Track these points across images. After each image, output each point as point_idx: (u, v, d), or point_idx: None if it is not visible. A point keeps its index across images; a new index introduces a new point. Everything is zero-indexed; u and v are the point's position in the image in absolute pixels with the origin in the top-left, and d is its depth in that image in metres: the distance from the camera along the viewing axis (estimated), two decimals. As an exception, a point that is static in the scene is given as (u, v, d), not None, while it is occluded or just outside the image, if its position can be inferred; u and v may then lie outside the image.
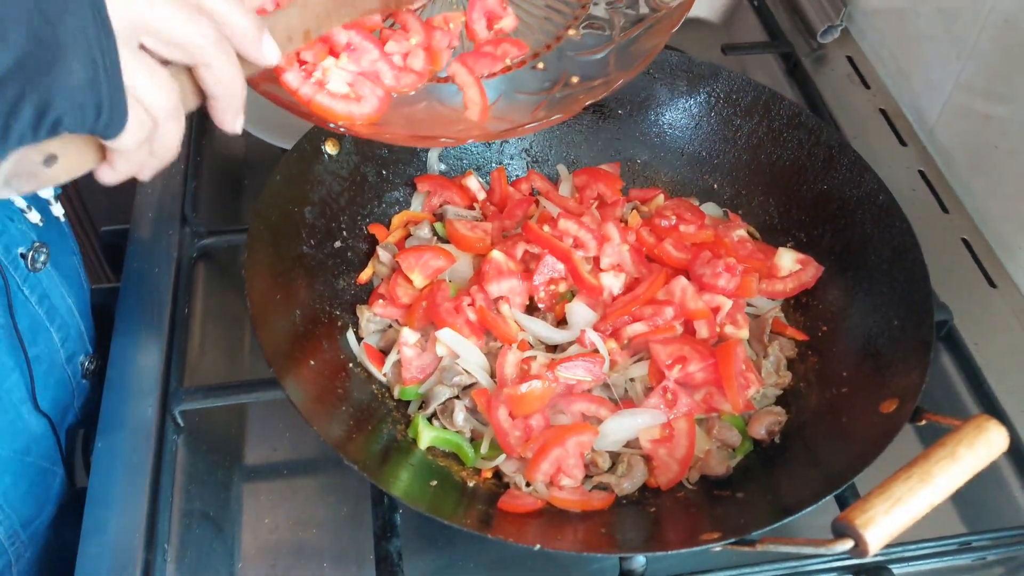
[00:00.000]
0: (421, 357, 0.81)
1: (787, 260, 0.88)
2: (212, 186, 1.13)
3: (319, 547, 0.82)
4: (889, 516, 0.56)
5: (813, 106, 1.20)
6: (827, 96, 1.22)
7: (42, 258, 0.88)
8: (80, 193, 1.60)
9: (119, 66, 0.52)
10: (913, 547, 0.79)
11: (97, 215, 1.63)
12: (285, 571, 0.80)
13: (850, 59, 1.29)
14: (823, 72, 1.27)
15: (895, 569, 0.77)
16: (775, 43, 1.27)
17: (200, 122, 1.17)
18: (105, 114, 0.52)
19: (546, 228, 0.86)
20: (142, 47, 0.54)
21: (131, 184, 1.13)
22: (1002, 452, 0.61)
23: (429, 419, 0.80)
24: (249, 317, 0.77)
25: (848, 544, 0.57)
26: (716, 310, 0.83)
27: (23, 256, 0.87)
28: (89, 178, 1.84)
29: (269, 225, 0.82)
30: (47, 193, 0.93)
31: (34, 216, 0.91)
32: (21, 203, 0.87)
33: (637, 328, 0.80)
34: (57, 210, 0.95)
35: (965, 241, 1.06)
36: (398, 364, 0.82)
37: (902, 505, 0.57)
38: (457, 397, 0.80)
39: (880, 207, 0.85)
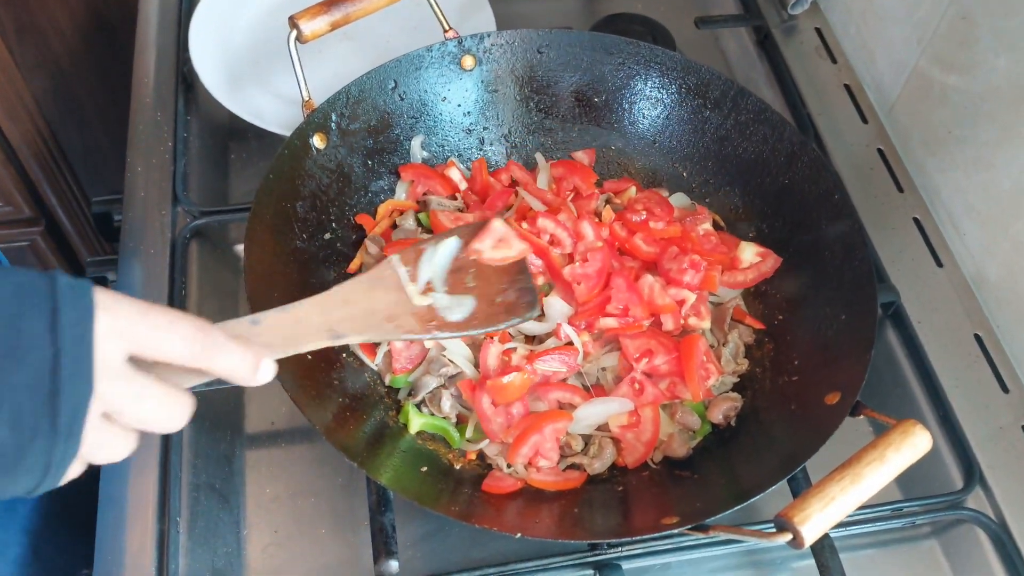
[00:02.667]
0: (410, 348, 0.88)
1: (748, 253, 0.95)
2: (199, 161, 1.16)
3: (317, 514, 0.90)
4: (823, 513, 0.65)
5: (781, 79, 1.25)
6: (795, 70, 1.27)
7: None
8: (69, 162, 1.62)
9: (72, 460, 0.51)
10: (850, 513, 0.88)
11: (87, 185, 1.65)
12: (287, 537, 0.88)
13: (819, 31, 1.32)
14: (792, 44, 1.31)
15: (833, 533, 0.87)
16: (748, 16, 1.30)
17: (186, 93, 1.20)
18: (40, 487, 0.52)
19: (524, 225, 0.91)
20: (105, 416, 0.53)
21: (120, 157, 1.17)
22: (925, 453, 0.69)
23: (418, 406, 0.87)
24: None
25: (787, 537, 0.65)
26: (681, 303, 0.90)
27: None
28: (76, 146, 1.87)
29: (265, 224, 0.87)
30: None
31: None
32: None
33: (608, 322, 0.87)
34: None
35: (916, 220, 1.13)
36: (388, 354, 0.88)
37: (835, 503, 0.65)
38: (444, 386, 0.87)
39: (835, 205, 0.91)
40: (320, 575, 0.86)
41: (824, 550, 0.84)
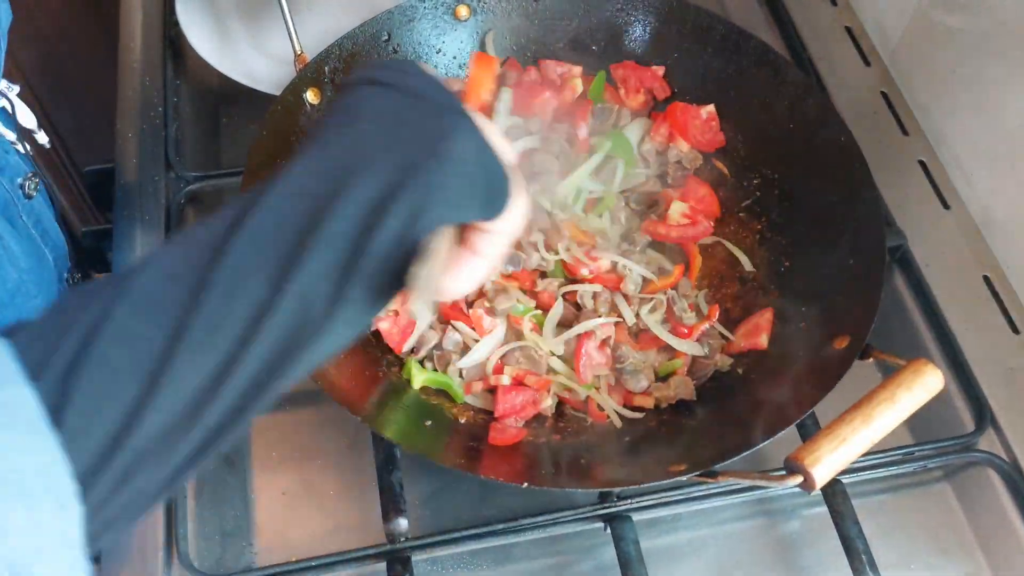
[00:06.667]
0: (396, 323, 0.87)
1: (675, 212, 0.94)
2: (191, 125, 1.14)
3: (325, 476, 0.89)
4: (834, 455, 0.64)
5: (780, 23, 1.22)
6: (794, 12, 1.24)
7: (35, 186, 0.92)
8: (59, 134, 1.60)
9: None
10: (861, 459, 0.87)
11: (77, 156, 1.64)
12: (294, 499, 0.88)
13: (817, -28, 1.29)
14: (790, -14, 1.28)
15: (844, 480, 0.86)
16: (745, -41, 1.27)
17: (174, 57, 1.17)
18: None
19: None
20: None
21: (110, 124, 1.15)
22: (938, 391, 0.68)
23: (421, 362, 0.86)
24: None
25: (798, 479, 0.65)
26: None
27: (21, 186, 0.90)
28: (66, 117, 1.84)
29: (259, 182, 0.85)
30: (31, 122, 0.94)
31: (22, 147, 0.94)
32: (11, 135, 0.89)
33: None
34: (42, 138, 0.97)
35: (922, 163, 1.11)
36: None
37: (845, 444, 0.64)
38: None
39: (841, 148, 0.89)
40: (330, 536, 0.85)
41: (836, 496, 0.83)
